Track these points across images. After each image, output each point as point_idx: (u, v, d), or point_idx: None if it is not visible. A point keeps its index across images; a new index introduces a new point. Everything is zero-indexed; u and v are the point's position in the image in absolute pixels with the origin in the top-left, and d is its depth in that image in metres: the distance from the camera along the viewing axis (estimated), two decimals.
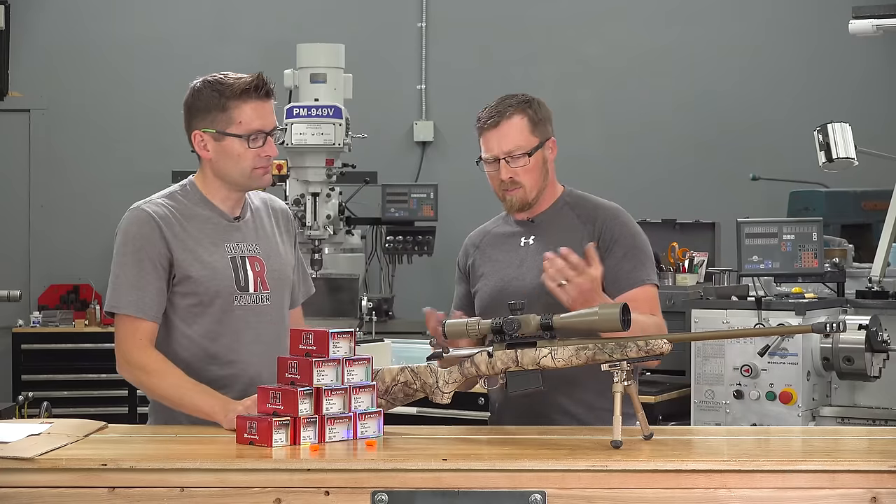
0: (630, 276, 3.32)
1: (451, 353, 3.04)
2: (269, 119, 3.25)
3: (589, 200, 3.46)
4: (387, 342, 5.81)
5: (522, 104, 3.39)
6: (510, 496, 2.65)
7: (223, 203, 3.30)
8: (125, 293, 3.21)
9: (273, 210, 3.42)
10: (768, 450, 2.91)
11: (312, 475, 2.67)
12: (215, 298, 3.22)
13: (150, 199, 3.31)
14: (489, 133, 3.39)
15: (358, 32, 8.39)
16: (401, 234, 7.88)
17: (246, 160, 3.23)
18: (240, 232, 3.30)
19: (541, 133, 3.40)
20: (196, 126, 3.27)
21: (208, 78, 3.26)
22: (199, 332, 3.23)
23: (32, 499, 2.66)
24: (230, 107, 3.21)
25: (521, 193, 3.40)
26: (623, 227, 3.38)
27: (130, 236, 3.24)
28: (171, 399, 3.18)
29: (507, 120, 3.37)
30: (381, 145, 8.27)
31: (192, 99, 3.27)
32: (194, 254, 3.22)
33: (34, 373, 7.75)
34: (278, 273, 3.32)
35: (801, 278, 5.03)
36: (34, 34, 8.62)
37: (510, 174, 3.39)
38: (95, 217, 8.64)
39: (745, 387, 4.79)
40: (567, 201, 3.46)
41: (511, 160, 3.37)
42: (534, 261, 3.34)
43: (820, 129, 5.17)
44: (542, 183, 3.41)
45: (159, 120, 8.65)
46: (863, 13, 5.48)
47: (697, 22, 8.59)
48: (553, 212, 3.45)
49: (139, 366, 3.19)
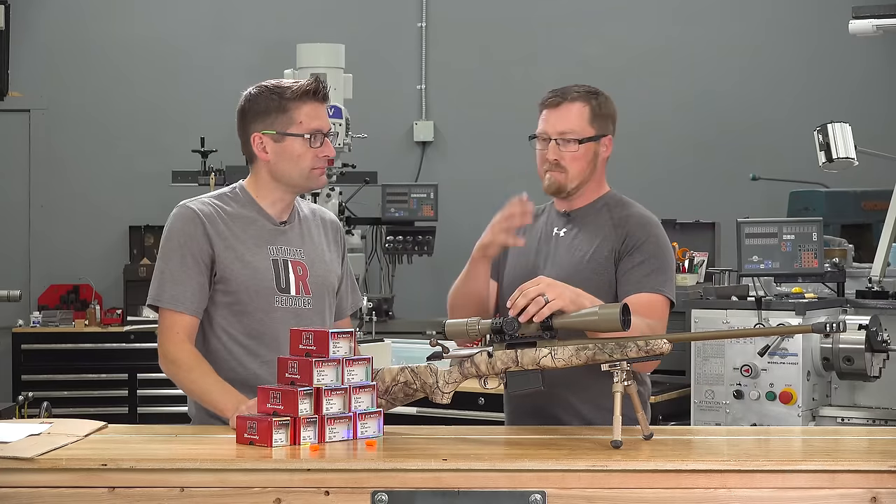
0: (641, 281, 3.28)
1: (451, 353, 3.05)
2: (326, 121, 3.31)
3: (627, 206, 3.42)
4: (387, 342, 5.81)
5: (589, 94, 3.39)
6: (510, 496, 2.65)
7: (272, 207, 3.34)
8: (167, 288, 3.24)
9: (323, 220, 3.46)
10: (768, 450, 2.91)
11: (312, 475, 2.67)
12: (255, 298, 3.25)
13: (198, 198, 3.34)
14: (548, 111, 3.40)
15: (358, 32, 8.39)
16: (401, 234, 7.88)
17: (306, 160, 3.28)
18: (285, 236, 3.33)
19: (599, 127, 3.38)
20: (255, 129, 3.30)
21: (264, 83, 3.32)
22: (239, 331, 3.26)
23: (32, 499, 2.66)
24: (290, 108, 3.26)
25: (561, 178, 3.38)
26: (648, 237, 3.34)
27: (175, 232, 3.27)
28: (194, 394, 3.22)
29: (568, 103, 3.37)
30: (381, 145, 8.27)
31: (249, 103, 3.31)
32: (236, 252, 3.26)
33: (34, 373, 7.74)
34: (322, 279, 3.35)
35: (801, 278, 5.03)
36: (34, 34, 8.62)
37: (557, 156, 3.36)
38: (95, 217, 8.65)
39: (745, 387, 4.79)
40: (607, 202, 3.43)
41: (562, 143, 3.36)
42: (561, 252, 3.37)
43: (820, 129, 5.17)
44: (586, 175, 3.38)
45: (159, 120, 8.68)
46: (863, 13, 5.48)
47: (697, 22, 8.59)
48: (591, 210, 3.42)
49: (171, 359, 3.22)
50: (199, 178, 7.62)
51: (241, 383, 3.18)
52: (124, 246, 8.57)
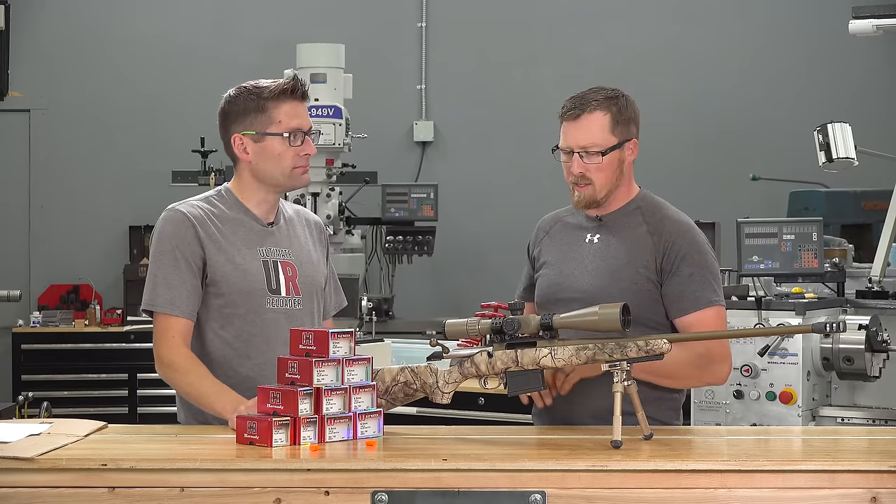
0: (695, 297, 3.25)
1: (451, 353, 3.05)
2: (306, 119, 3.31)
3: (660, 209, 3.38)
4: (387, 342, 5.81)
5: (608, 100, 3.29)
6: (510, 496, 2.65)
7: (258, 207, 3.34)
8: (161, 292, 3.24)
9: (307, 221, 3.47)
10: (768, 450, 2.91)
11: (312, 475, 2.67)
12: (247, 300, 3.26)
13: (186, 201, 3.34)
14: (569, 124, 3.30)
15: (358, 32, 8.39)
16: (401, 234, 7.88)
17: (286, 159, 3.28)
18: (273, 237, 3.34)
19: (621, 133, 3.31)
20: (234, 130, 3.30)
21: (242, 85, 3.32)
22: (231, 333, 3.27)
23: (32, 499, 2.66)
24: (269, 107, 3.27)
25: (589, 191, 3.30)
26: (691, 245, 3.30)
27: (166, 236, 3.27)
28: (192, 397, 3.22)
29: (588, 114, 3.28)
30: (381, 145, 8.27)
31: (229, 105, 3.32)
32: (227, 255, 3.26)
33: (34, 373, 7.74)
34: (310, 279, 3.36)
35: (801, 278, 5.03)
36: (34, 34, 8.62)
37: (582, 169, 3.28)
38: (95, 217, 8.65)
39: (745, 387, 4.79)
40: (640, 205, 3.37)
41: (585, 156, 3.28)
42: (595, 260, 3.31)
43: (820, 129, 5.17)
44: (613, 183, 3.32)
45: (159, 120, 8.68)
46: (863, 13, 5.48)
47: (697, 22, 8.59)
48: (623, 214, 3.36)
49: (167, 363, 3.23)
50: (199, 178, 7.61)
51: (233, 386, 3.17)
52: (124, 246, 8.57)
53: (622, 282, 3.26)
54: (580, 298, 3.16)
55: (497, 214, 8.36)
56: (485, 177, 8.48)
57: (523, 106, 8.45)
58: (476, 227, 8.40)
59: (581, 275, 3.31)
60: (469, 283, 8.17)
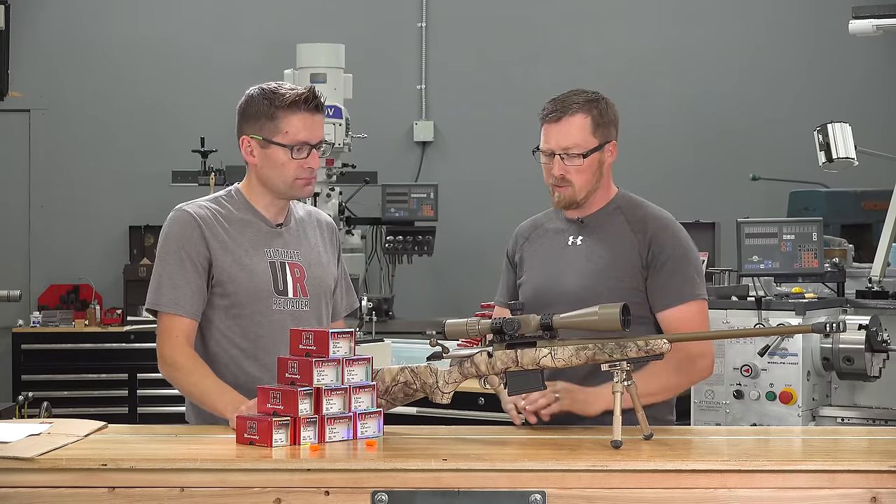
0: (679, 291, 3.29)
1: (451, 353, 3.05)
2: (315, 132, 3.27)
3: (641, 207, 3.40)
4: (387, 342, 5.81)
5: (589, 103, 3.33)
6: (510, 496, 2.65)
7: (266, 209, 3.34)
8: (165, 291, 3.24)
9: (319, 222, 3.46)
10: (768, 450, 2.91)
11: (312, 475, 2.67)
12: (253, 301, 3.26)
13: (194, 201, 3.34)
14: (549, 126, 3.34)
15: (358, 32, 8.39)
16: (401, 234, 7.88)
17: (289, 170, 3.26)
18: (281, 238, 3.33)
19: (602, 135, 3.34)
20: (245, 131, 3.30)
21: (264, 86, 3.30)
22: (237, 333, 3.27)
23: (32, 499, 2.66)
24: (279, 116, 3.24)
25: (569, 192, 3.34)
26: (674, 239, 3.33)
27: (172, 236, 3.27)
28: (194, 397, 3.23)
29: (569, 116, 3.32)
30: (381, 145, 8.27)
31: (245, 105, 3.31)
32: (234, 256, 3.26)
33: (34, 373, 7.74)
34: (319, 281, 3.35)
35: (801, 278, 5.03)
36: (34, 34, 8.62)
37: (562, 171, 3.32)
38: (95, 217, 8.65)
39: (745, 387, 4.79)
40: (619, 205, 3.40)
41: (566, 157, 3.32)
42: (579, 261, 3.34)
43: (820, 129, 5.17)
44: (593, 184, 3.35)
45: (159, 120, 8.68)
46: (863, 13, 5.48)
47: (697, 22, 8.59)
48: (604, 214, 3.39)
49: (170, 362, 3.23)
50: (199, 178, 7.61)
51: (240, 386, 3.18)
52: (124, 246, 8.57)
53: (609, 280, 3.29)
54: (568, 300, 3.16)
55: (497, 214, 8.34)
56: (485, 177, 8.48)
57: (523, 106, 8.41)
58: (476, 227, 8.39)
59: (567, 277, 3.34)
60: (469, 283, 8.17)
